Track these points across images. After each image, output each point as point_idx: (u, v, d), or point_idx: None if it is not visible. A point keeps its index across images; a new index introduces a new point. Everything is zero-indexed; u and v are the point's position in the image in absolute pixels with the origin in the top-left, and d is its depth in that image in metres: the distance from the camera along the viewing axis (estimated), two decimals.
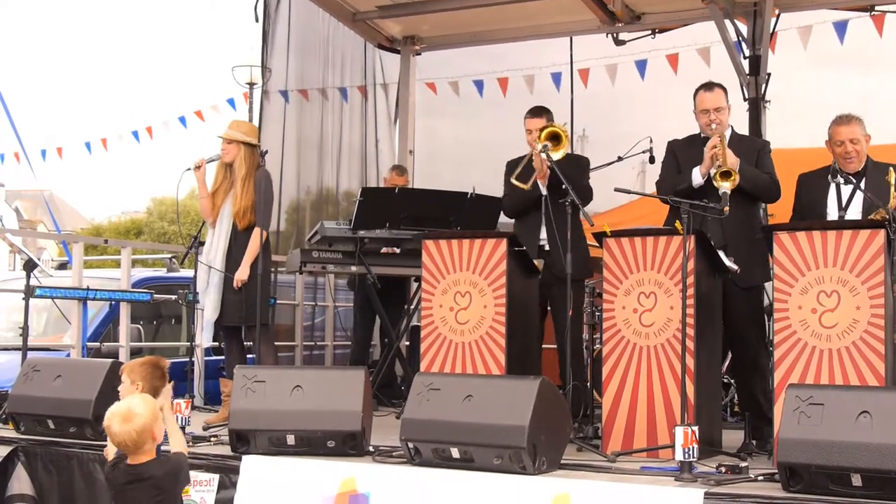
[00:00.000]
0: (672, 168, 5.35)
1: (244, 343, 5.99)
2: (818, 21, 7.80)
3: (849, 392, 3.85)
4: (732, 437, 4.96)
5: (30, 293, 5.85)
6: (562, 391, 4.66)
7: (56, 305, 6.82)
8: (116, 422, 3.55)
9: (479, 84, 9.12)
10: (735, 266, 4.91)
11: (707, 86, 5.28)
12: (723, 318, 5.23)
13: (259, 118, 8.54)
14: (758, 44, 7.50)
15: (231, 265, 5.75)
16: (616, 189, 5.31)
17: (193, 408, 5.44)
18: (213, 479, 4.52)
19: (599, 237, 4.86)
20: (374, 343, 7.97)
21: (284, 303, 8.11)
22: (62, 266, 9.83)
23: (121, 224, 34.11)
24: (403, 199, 6.63)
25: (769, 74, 7.56)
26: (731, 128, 5.35)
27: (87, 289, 6.49)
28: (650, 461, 4.40)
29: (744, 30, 7.57)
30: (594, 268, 5.85)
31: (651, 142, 5.41)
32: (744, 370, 5.25)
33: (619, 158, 5.70)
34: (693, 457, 3.92)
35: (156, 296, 7.07)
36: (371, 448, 4.58)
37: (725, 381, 6.24)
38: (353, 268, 6.61)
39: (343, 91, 9.14)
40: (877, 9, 7.58)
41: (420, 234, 5.62)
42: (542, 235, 5.55)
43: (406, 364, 7.25)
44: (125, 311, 6.77)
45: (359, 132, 9.29)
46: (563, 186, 5.04)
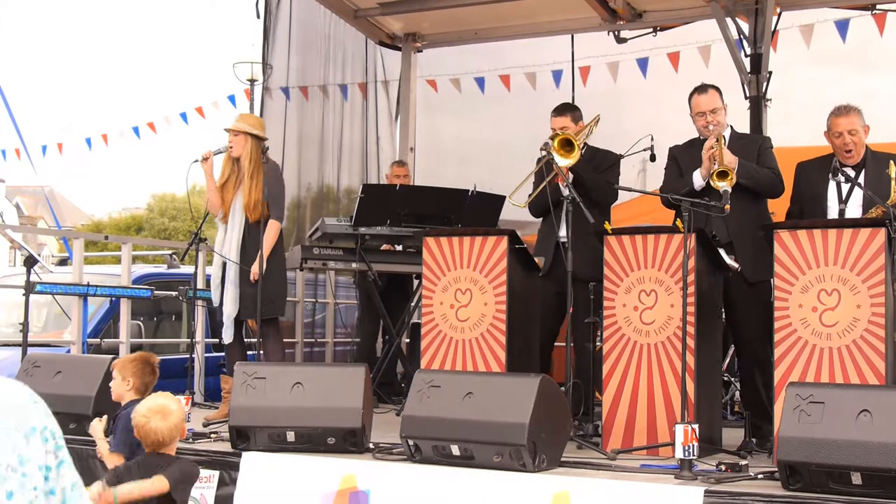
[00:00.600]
0: (674, 173, 5.35)
1: (244, 339, 5.99)
2: (820, 20, 7.80)
3: (849, 390, 3.85)
4: (732, 436, 4.97)
5: (30, 289, 5.85)
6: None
7: (56, 302, 6.83)
8: (158, 419, 3.69)
9: (481, 81, 9.11)
10: (735, 264, 4.91)
11: (700, 88, 5.26)
12: (728, 313, 5.22)
13: (260, 115, 8.53)
14: (759, 42, 7.50)
15: (245, 259, 5.72)
16: (616, 187, 5.31)
17: (194, 404, 5.45)
18: (213, 476, 4.53)
19: (600, 235, 4.86)
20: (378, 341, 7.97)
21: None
22: (62, 262, 9.83)
23: (121, 220, 34.18)
24: (404, 197, 6.63)
25: (770, 73, 7.57)
26: (731, 127, 5.35)
27: (88, 285, 6.49)
28: (650, 459, 4.41)
29: (745, 28, 7.57)
30: None
31: (652, 140, 5.39)
32: (748, 366, 5.25)
33: (620, 156, 5.68)
34: (693, 455, 3.92)
35: (156, 292, 7.08)
36: (371, 445, 4.58)
37: (725, 380, 6.24)
38: (354, 265, 6.61)
39: (344, 88, 9.14)
40: (878, 8, 7.58)
41: (421, 232, 5.61)
42: (562, 234, 5.51)
43: (406, 361, 7.25)
44: (125, 308, 6.77)
45: (360, 129, 9.29)
46: (565, 185, 5.03)
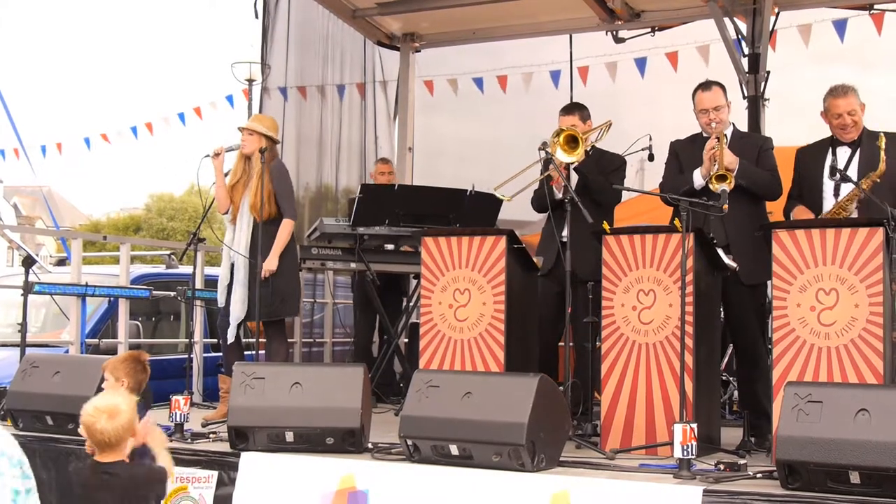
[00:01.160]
0: (674, 169, 5.35)
1: (242, 339, 5.98)
2: (818, 19, 7.82)
3: (847, 390, 3.85)
4: (731, 435, 4.97)
5: (28, 289, 5.84)
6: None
7: (55, 302, 6.82)
8: (104, 419, 3.51)
9: (479, 81, 9.12)
10: (734, 264, 4.91)
11: (705, 85, 5.28)
12: (726, 314, 5.23)
13: None
14: (757, 42, 7.52)
15: (255, 258, 5.69)
16: (615, 186, 5.32)
17: (192, 404, 5.44)
18: (212, 476, 4.53)
19: (598, 235, 4.87)
20: (374, 340, 7.96)
21: None
22: (61, 262, 9.82)
23: (119, 220, 34.15)
24: (403, 196, 6.63)
25: (768, 72, 7.58)
26: (733, 125, 5.36)
27: (86, 285, 6.48)
28: (649, 458, 4.41)
29: (743, 28, 7.58)
30: None
31: (650, 139, 5.40)
32: (745, 366, 5.26)
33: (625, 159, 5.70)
34: (692, 454, 3.92)
35: (154, 292, 7.07)
36: (370, 445, 4.58)
37: (724, 379, 6.24)
38: (353, 264, 6.61)
39: (342, 88, 9.14)
40: (876, 7, 7.60)
41: (419, 231, 5.62)
42: (565, 233, 5.51)
43: (405, 361, 7.25)
44: (124, 308, 6.76)
45: (358, 129, 9.29)
46: (559, 187, 5.03)
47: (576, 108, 5.71)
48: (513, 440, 3.99)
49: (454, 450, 4.14)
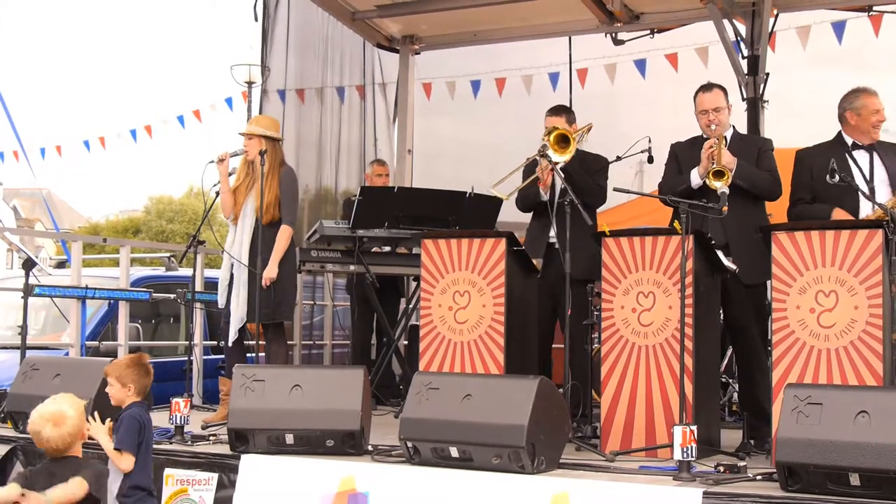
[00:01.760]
0: (674, 170, 5.37)
1: (244, 342, 5.99)
2: (816, 21, 7.83)
3: (847, 392, 3.86)
4: (731, 437, 4.98)
5: (28, 292, 5.85)
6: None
7: (55, 304, 6.82)
8: (49, 427, 3.56)
9: (477, 84, 9.12)
10: (734, 266, 4.92)
11: (706, 87, 5.31)
12: (725, 316, 5.24)
13: None
14: (756, 44, 7.53)
15: (254, 262, 5.70)
16: (615, 189, 5.32)
17: (192, 407, 5.44)
18: (212, 479, 4.53)
19: (598, 237, 4.87)
20: (372, 342, 7.96)
21: None
22: (61, 265, 9.82)
23: (119, 223, 34.14)
24: (402, 199, 6.63)
25: (767, 74, 7.58)
26: (733, 127, 5.37)
27: (86, 287, 6.49)
28: (649, 460, 4.41)
29: (742, 30, 7.59)
30: None
31: (650, 141, 5.40)
32: (745, 367, 5.26)
33: (618, 158, 5.69)
34: (691, 456, 3.92)
35: (154, 294, 7.08)
36: (370, 447, 4.59)
37: (724, 381, 6.24)
38: (352, 267, 6.62)
39: (342, 90, 9.15)
40: (874, 9, 7.60)
41: (419, 234, 5.63)
42: (552, 234, 5.54)
43: (405, 363, 7.25)
44: (124, 310, 6.77)
45: (357, 131, 9.30)
46: (563, 186, 5.04)
47: (563, 110, 5.75)
48: (513, 442, 3.99)
49: (454, 452, 4.14)
